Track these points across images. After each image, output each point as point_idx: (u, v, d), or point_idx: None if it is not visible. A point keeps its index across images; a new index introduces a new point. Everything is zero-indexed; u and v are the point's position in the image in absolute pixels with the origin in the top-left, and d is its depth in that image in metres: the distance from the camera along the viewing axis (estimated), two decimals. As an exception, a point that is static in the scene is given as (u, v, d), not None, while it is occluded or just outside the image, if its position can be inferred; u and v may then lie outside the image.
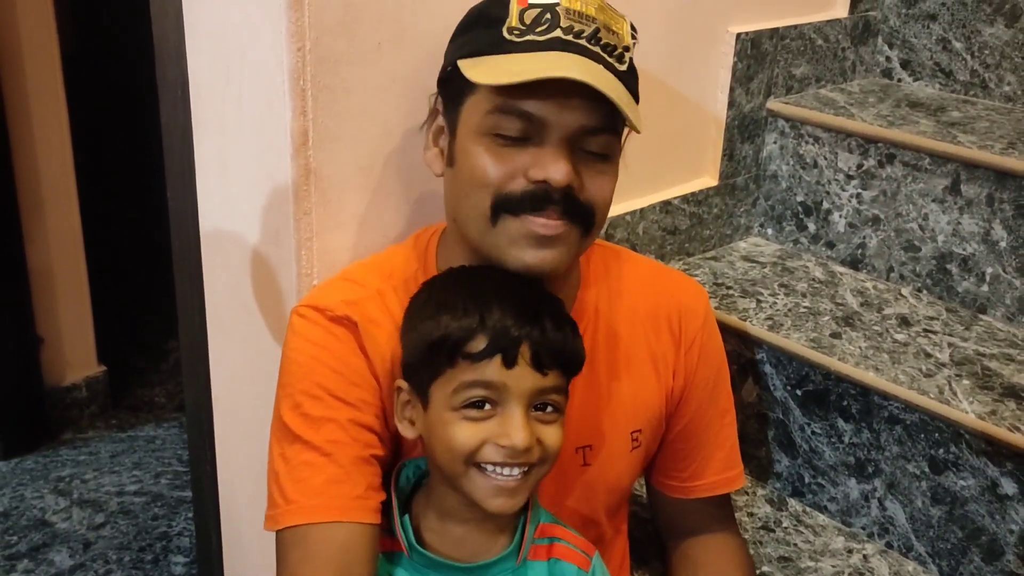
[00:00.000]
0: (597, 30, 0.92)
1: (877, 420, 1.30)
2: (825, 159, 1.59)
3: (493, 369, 0.85)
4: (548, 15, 0.91)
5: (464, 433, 0.86)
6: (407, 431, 0.93)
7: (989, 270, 1.44)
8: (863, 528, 1.34)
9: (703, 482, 1.12)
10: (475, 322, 0.86)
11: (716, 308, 1.43)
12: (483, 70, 0.91)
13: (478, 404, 0.86)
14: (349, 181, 1.14)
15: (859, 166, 1.55)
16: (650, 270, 1.14)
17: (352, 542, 0.92)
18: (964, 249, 1.46)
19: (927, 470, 1.26)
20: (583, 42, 0.91)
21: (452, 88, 0.96)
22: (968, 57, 1.72)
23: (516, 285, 0.92)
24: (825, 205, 1.61)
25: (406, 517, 0.94)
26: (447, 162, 0.98)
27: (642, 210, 1.48)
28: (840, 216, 1.59)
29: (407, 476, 0.98)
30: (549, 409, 0.89)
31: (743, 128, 1.60)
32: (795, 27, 1.63)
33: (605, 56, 0.92)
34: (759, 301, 1.47)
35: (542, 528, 0.97)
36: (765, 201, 1.68)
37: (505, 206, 0.91)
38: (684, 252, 1.59)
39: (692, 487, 1.12)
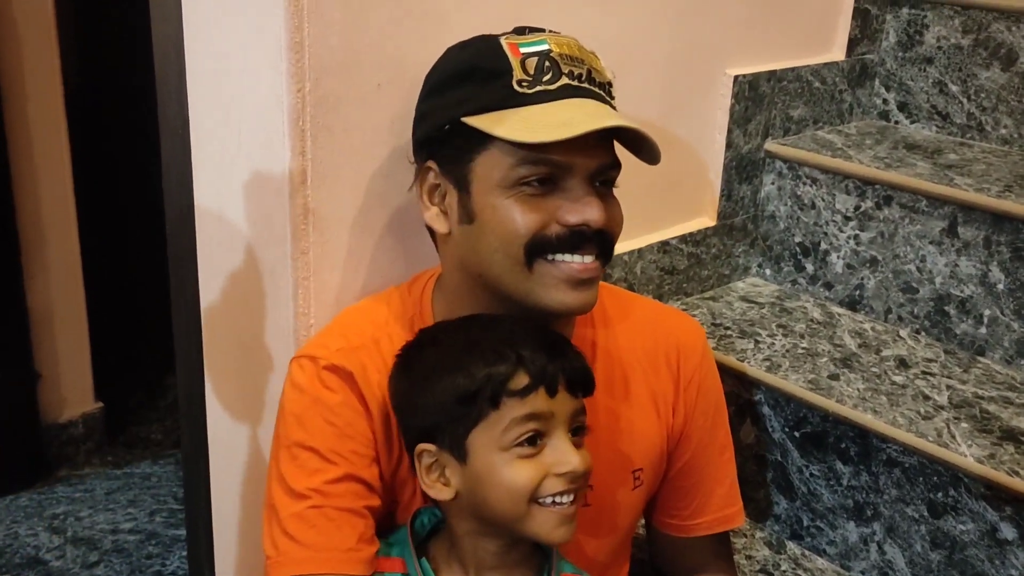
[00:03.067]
0: (590, 71, 0.96)
1: (876, 463, 1.29)
2: (823, 200, 1.59)
3: (540, 400, 0.88)
4: (547, 62, 0.94)
5: (524, 472, 0.88)
6: (441, 492, 0.92)
7: (987, 312, 1.44)
8: (862, 572, 1.33)
9: (704, 520, 1.12)
10: (512, 362, 0.89)
11: (714, 348, 1.43)
12: (512, 127, 0.91)
13: (530, 440, 0.88)
14: (347, 221, 1.14)
15: (857, 207, 1.56)
16: (647, 309, 1.15)
17: None
18: (962, 291, 1.46)
19: (926, 514, 1.25)
20: (587, 85, 0.94)
21: (454, 145, 0.96)
22: (964, 100, 1.73)
23: (525, 324, 0.94)
24: (823, 246, 1.61)
25: (424, 560, 0.94)
26: (461, 220, 0.97)
27: (640, 250, 1.49)
28: (838, 257, 1.60)
29: (422, 522, 0.99)
30: (580, 433, 0.92)
31: (741, 169, 1.61)
32: (792, 69, 1.64)
33: (603, 94, 0.96)
34: (757, 342, 1.47)
35: None
36: (763, 242, 1.68)
37: (540, 251, 0.93)
38: (682, 292, 1.59)
39: (693, 525, 1.12)
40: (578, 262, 0.93)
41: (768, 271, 1.69)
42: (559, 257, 0.93)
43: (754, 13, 1.57)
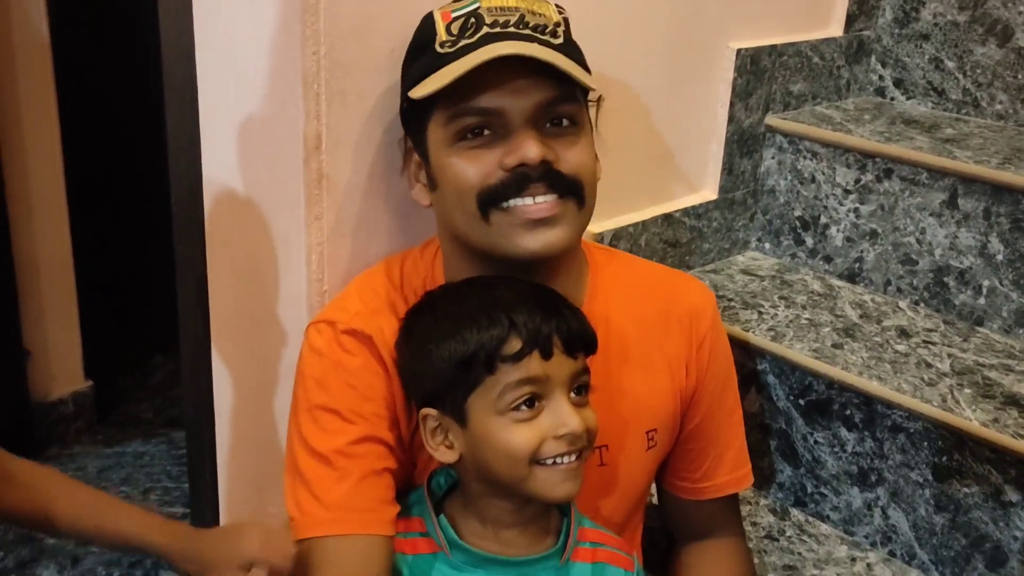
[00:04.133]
0: (522, 16, 0.96)
1: (880, 429, 1.31)
2: (823, 174, 1.61)
3: (535, 364, 0.88)
4: (472, 19, 0.96)
5: (521, 436, 0.88)
6: (445, 455, 0.93)
7: (986, 283, 1.46)
8: (866, 537, 1.35)
9: (714, 483, 1.13)
10: (505, 327, 0.88)
11: (718, 319, 1.44)
12: (425, 87, 0.95)
13: (528, 402, 0.88)
14: (361, 186, 1.14)
15: (857, 181, 1.57)
16: (658, 273, 1.16)
17: (373, 553, 0.93)
18: (961, 262, 1.48)
19: (930, 478, 1.27)
20: (511, 29, 0.94)
21: (414, 121, 1.01)
22: (960, 76, 1.75)
23: (523, 285, 0.94)
24: (823, 219, 1.62)
25: (442, 516, 0.95)
26: (431, 188, 1.01)
27: (644, 222, 1.49)
28: (838, 230, 1.61)
29: (439, 482, 0.99)
30: (583, 392, 0.92)
31: (742, 143, 1.62)
32: (792, 44, 1.65)
33: (536, 35, 0.95)
34: (760, 313, 1.48)
35: (583, 532, 0.99)
36: (763, 215, 1.70)
37: (490, 200, 0.94)
38: (685, 265, 1.60)
39: (703, 488, 1.13)
40: (528, 203, 0.94)
41: (768, 245, 1.70)
42: (511, 203, 0.94)
43: (756, -14, 1.57)
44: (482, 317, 0.89)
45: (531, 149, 0.92)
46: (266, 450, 1.29)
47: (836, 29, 1.76)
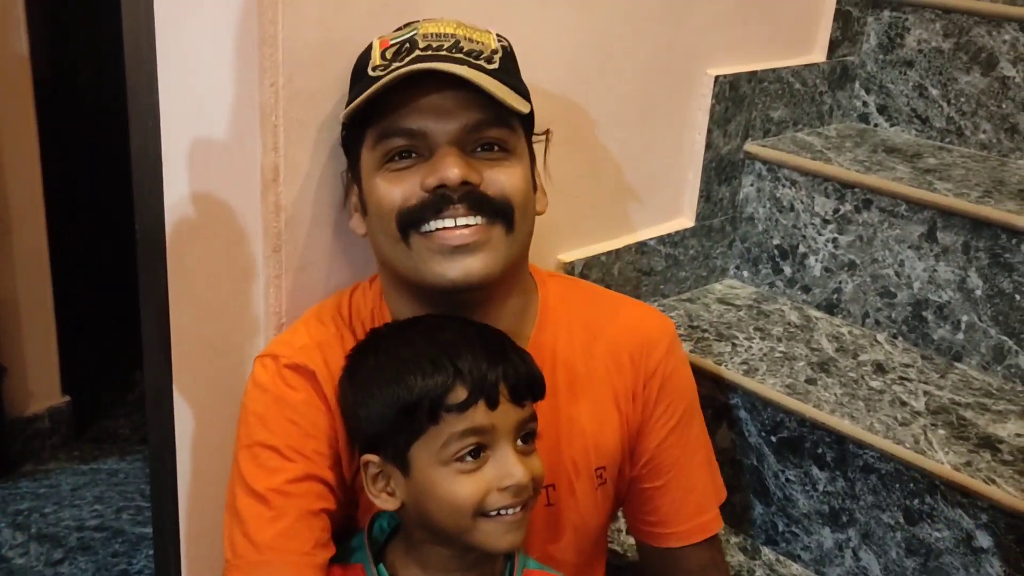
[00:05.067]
0: (457, 42, 0.94)
1: (852, 468, 1.28)
2: (802, 203, 1.59)
3: (480, 414, 0.85)
4: (407, 44, 0.94)
5: (466, 488, 0.85)
6: (387, 503, 0.90)
7: (965, 318, 1.44)
8: (837, 578, 1.33)
9: (676, 530, 1.09)
10: (450, 374, 0.85)
11: (691, 351, 1.42)
12: (351, 107, 0.94)
13: (472, 452, 0.86)
14: (321, 218, 1.12)
15: (836, 211, 1.55)
16: (612, 304, 1.12)
17: None
18: (940, 296, 1.46)
19: (902, 520, 1.25)
20: (443, 53, 0.92)
21: (350, 147, 1.00)
22: (944, 104, 1.73)
23: (469, 327, 0.91)
24: (801, 249, 1.60)
25: (381, 566, 0.93)
26: (364, 213, 1.00)
27: (618, 251, 1.47)
28: (816, 260, 1.59)
29: (381, 526, 0.97)
30: (529, 440, 0.90)
31: (720, 170, 1.60)
32: (773, 70, 1.63)
33: (469, 59, 0.93)
34: (734, 345, 1.46)
35: (528, 574, 0.96)
36: (741, 243, 1.67)
37: (409, 222, 0.92)
38: (659, 293, 1.58)
39: (665, 535, 1.09)
40: (449, 226, 0.91)
41: (746, 273, 1.68)
42: (431, 225, 0.91)
43: (735, 13, 1.55)
44: (426, 363, 0.86)
45: (451, 169, 0.90)
46: (226, 476, 1.27)
47: (819, 55, 1.74)
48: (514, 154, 0.95)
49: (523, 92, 0.97)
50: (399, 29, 0.99)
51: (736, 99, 1.57)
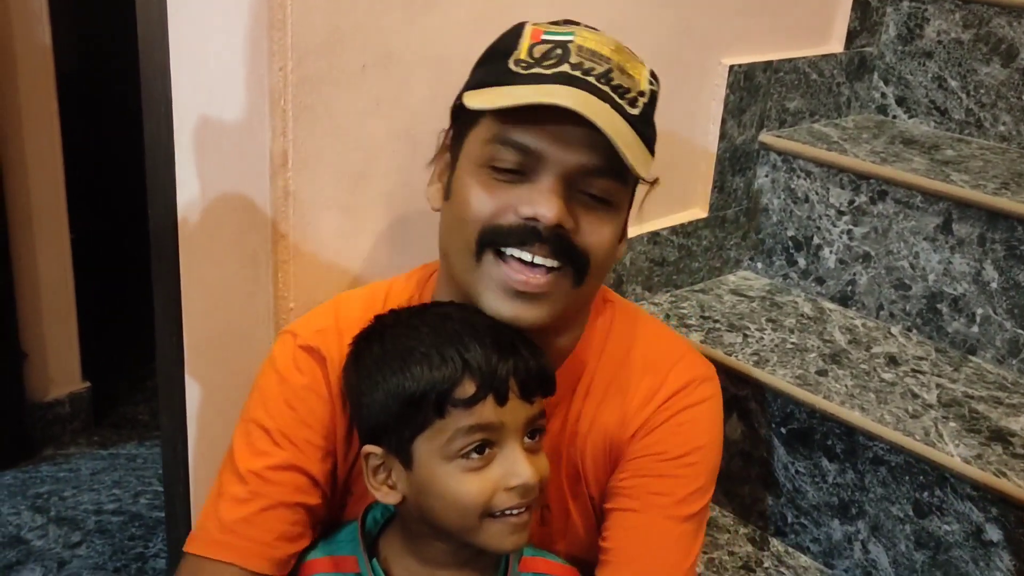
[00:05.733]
0: (610, 70, 0.87)
1: (862, 461, 1.27)
2: (817, 194, 1.57)
3: (488, 410, 0.82)
4: (559, 50, 0.87)
5: (471, 487, 0.82)
6: (388, 497, 0.88)
7: (980, 311, 1.42)
8: (845, 571, 1.31)
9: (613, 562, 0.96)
10: (458, 367, 0.82)
11: (702, 342, 1.41)
12: (480, 98, 0.88)
13: (478, 449, 0.83)
14: (329, 204, 1.12)
15: (851, 202, 1.54)
16: (660, 348, 1.02)
17: None
18: (955, 289, 1.45)
19: (911, 513, 1.24)
20: (591, 79, 0.86)
21: (458, 122, 0.93)
22: (964, 96, 1.71)
23: (479, 317, 0.88)
24: (816, 240, 1.59)
25: (375, 560, 0.91)
26: (445, 196, 0.94)
27: (630, 241, 1.47)
28: (831, 252, 1.58)
29: (374, 518, 0.95)
30: (537, 437, 0.87)
31: (734, 161, 1.59)
32: (789, 60, 1.62)
33: (614, 96, 0.86)
34: (746, 336, 1.45)
35: (525, 562, 0.94)
36: (755, 235, 1.67)
37: (490, 240, 0.87)
38: (672, 284, 1.57)
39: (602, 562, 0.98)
40: (526, 259, 0.86)
41: (760, 265, 1.67)
42: (509, 251, 0.86)
43: (751, 2, 1.54)
44: (434, 354, 0.83)
45: (550, 208, 0.84)
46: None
47: (837, 45, 1.73)
48: (615, 208, 0.90)
49: (652, 142, 0.91)
50: (556, 24, 0.92)
51: (751, 89, 1.56)
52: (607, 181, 0.88)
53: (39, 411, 2.27)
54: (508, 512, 0.84)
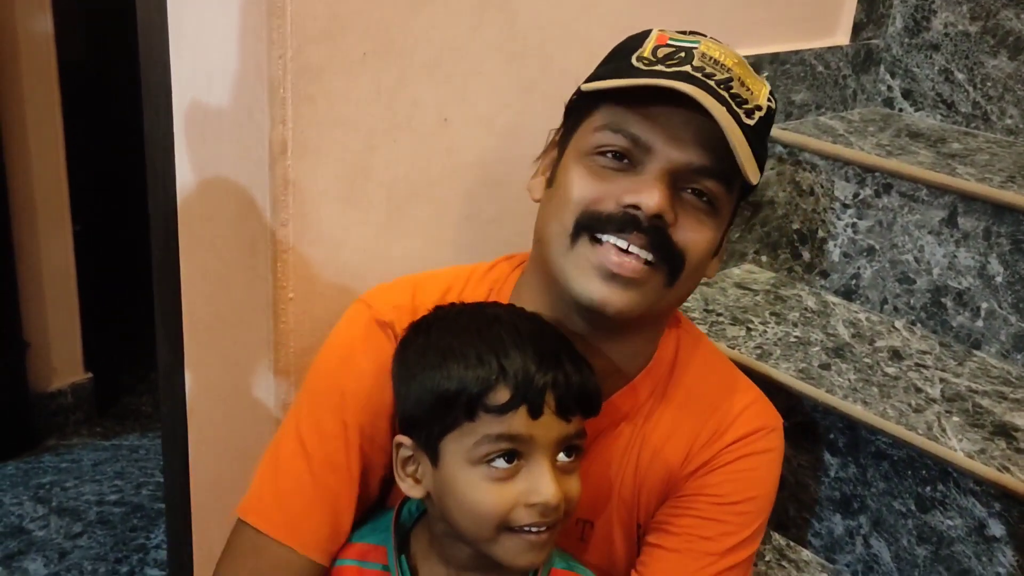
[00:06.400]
0: (730, 79, 0.87)
1: (864, 455, 1.26)
2: (822, 187, 1.56)
3: (519, 421, 0.80)
4: (683, 54, 0.88)
5: (492, 498, 0.80)
6: (412, 490, 0.87)
7: (984, 305, 1.41)
8: (847, 565, 1.31)
9: None
10: (494, 371, 0.80)
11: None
12: (595, 83, 0.89)
13: (506, 457, 0.81)
14: (329, 194, 1.12)
15: (856, 195, 1.53)
16: (729, 383, 1.02)
17: (290, 572, 0.90)
18: (960, 283, 1.43)
19: (913, 508, 1.23)
20: (711, 83, 0.86)
21: (570, 116, 0.94)
22: (971, 89, 1.69)
23: (527, 324, 0.86)
24: (820, 234, 1.58)
25: (403, 557, 0.90)
26: (548, 184, 0.94)
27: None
28: (835, 245, 1.57)
29: (409, 510, 0.94)
30: (573, 456, 0.84)
31: (739, 153, 1.58)
32: (796, 53, 1.61)
33: (731, 103, 0.86)
34: (749, 329, 1.44)
35: (555, 574, 0.92)
36: (760, 228, 1.65)
37: (588, 225, 0.87)
38: (675, 277, 1.56)
39: None
40: (621, 246, 0.85)
41: (764, 258, 1.66)
42: (604, 238, 0.86)
43: (757, -7, 1.53)
44: (472, 355, 0.81)
45: (653, 197, 0.84)
46: (236, 454, 1.28)
47: (843, 37, 1.71)
48: (717, 214, 0.90)
49: (763, 158, 0.91)
50: (683, 32, 0.93)
51: (756, 81, 1.55)
52: (713, 182, 0.88)
53: (41, 402, 2.28)
54: (527, 529, 0.81)
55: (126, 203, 2.41)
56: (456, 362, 0.82)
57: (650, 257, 0.86)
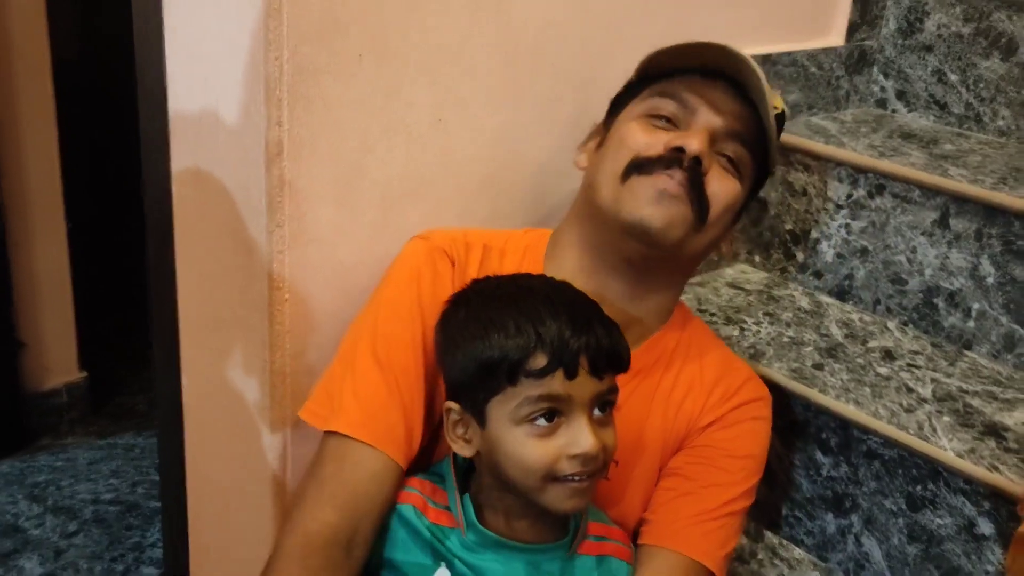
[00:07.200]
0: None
1: (856, 454, 1.27)
2: (815, 188, 1.57)
3: (557, 383, 0.88)
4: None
5: (537, 452, 0.89)
6: (463, 449, 0.95)
7: (976, 306, 1.42)
8: (839, 564, 1.32)
9: (663, 530, 1.06)
10: (532, 339, 0.88)
11: (698, 335, 1.41)
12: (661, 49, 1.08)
13: (547, 416, 0.89)
14: (324, 194, 1.12)
15: (848, 196, 1.54)
16: (732, 357, 1.17)
17: (381, 475, 0.98)
18: (951, 284, 1.44)
19: (904, 507, 1.24)
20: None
21: (621, 98, 1.11)
22: (963, 90, 1.70)
23: (560, 293, 0.94)
24: (814, 234, 1.59)
25: (466, 496, 0.97)
26: (598, 147, 1.09)
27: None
28: (828, 246, 1.57)
29: (464, 456, 1.00)
30: (608, 410, 0.92)
31: (732, 154, 1.59)
32: (788, 54, 1.61)
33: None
34: (742, 329, 1.45)
35: (591, 526, 1.01)
36: (753, 228, 1.66)
37: (638, 166, 1.01)
38: (669, 277, 1.57)
39: (651, 528, 1.06)
40: (666, 174, 1.00)
41: (757, 258, 1.67)
42: (653, 171, 1.01)
43: (751, -5, 1.54)
44: (511, 324, 0.89)
45: (695, 140, 1.00)
46: (232, 451, 1.28)
47: (836, 39, 1.72)
48: (741, 176, 1.05)
49: (776, 153, 1.09)
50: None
51: (749, 82, 1.56)
52: (742, 148, 1.04)
53: (36, 401, 2.28)
54: (570, 478, 0.89)
55: (120, 202, 2.41)
56: (496, 332, 0.90)
57: (687, 188, 1.01)
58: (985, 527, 1.17)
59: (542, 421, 0.88)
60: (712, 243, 1.08)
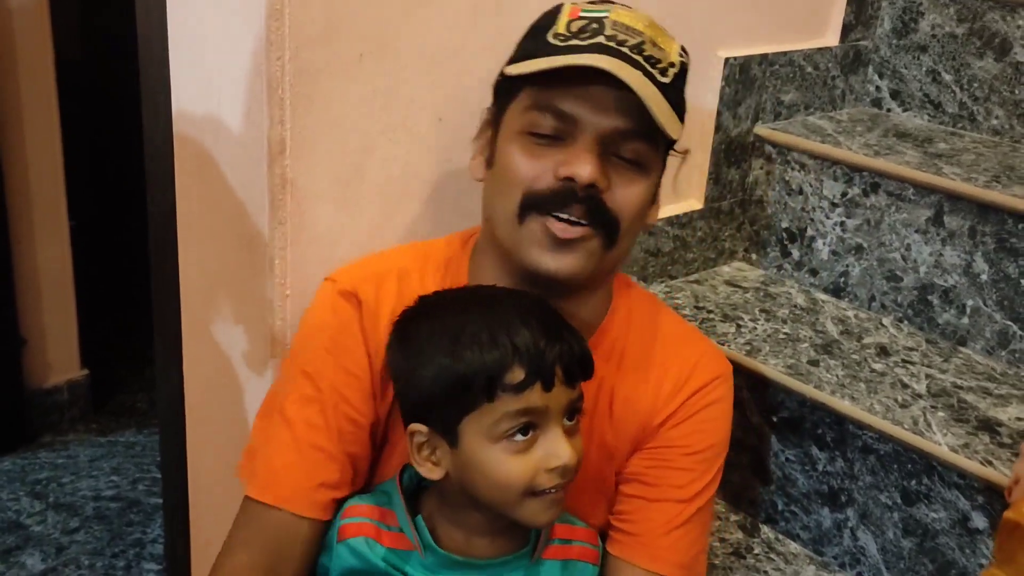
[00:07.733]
0: (642, 43, 0.93)
1: (851, 449, 1.29)
2: (811, 186, 1.59)
3: (535, 395, 0.86)
4: (595, 25, 0.94)
5: (515, 468, 0.86)
6: (431, 473, 0.91)
7: (970, 303, 1.44)
8: (835, 557, 1.33)
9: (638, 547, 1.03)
10: (508, 352, 0.85)
11: (695, 332, 1.43)
12: (520, 67, 0.95)
13: (523, 430, 0.86)
14: (326, 193, 1.13)
15: (844, 194, 1.55)
16: (683, 332, 1.11)
17: (284, 531, 0.95)
18: (946, 281, 1.46)
19: (899, 501, 1.25)
20: (624, 50, 0.92)
21: (500, 96, 1.00)
22: (957, 90, 1.72)
23: (526, 302, 0.91)
24: (809, 232, 1.60)
25: (419, 517, 0.95)
26: (488, 165, 1.01)
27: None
28: (824, 244, 1.59)
29: (411, 475, 0.98)
30: (576, 418, 0.90)
31: (730, 152, 1.60)
32: (785, 54, 1.63)
33: (646, 65, 0.92)
34: (739, 326, 1.46)
35: (556, 528, 0.99)
36: (751, 226, 1.68)
37: (532, 204, 0.94)
38: (667, 275, 1.59)
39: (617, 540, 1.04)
40: (563, 217, 0.92)
41: (754, 256, 1.69)
42: (548, 216, 0.93)
43: (747, -5, 1.55)
44: (485, 338, 0.85)
45: (585, 167, 0.91)
46: (235, 447, 1.29)
47: (832, 39, 1.74)
48: (647, 171, 0.96)
49: (682, 111, 0.97)
50: (593, 3, 0.98)
51: (747, 82, 1.58)
52: (639, 143, 0.94)
53: (38, 398, 2.29)
54: (547, 491, 0.87)
55: (123, 200, 2.42)
56: (469, 346, 0.86)
57: (588, 224, 0.93)
58: (979, 521, 1.18)
59: (519, 436, 0.86)
60: (633, 242, 1.02)
